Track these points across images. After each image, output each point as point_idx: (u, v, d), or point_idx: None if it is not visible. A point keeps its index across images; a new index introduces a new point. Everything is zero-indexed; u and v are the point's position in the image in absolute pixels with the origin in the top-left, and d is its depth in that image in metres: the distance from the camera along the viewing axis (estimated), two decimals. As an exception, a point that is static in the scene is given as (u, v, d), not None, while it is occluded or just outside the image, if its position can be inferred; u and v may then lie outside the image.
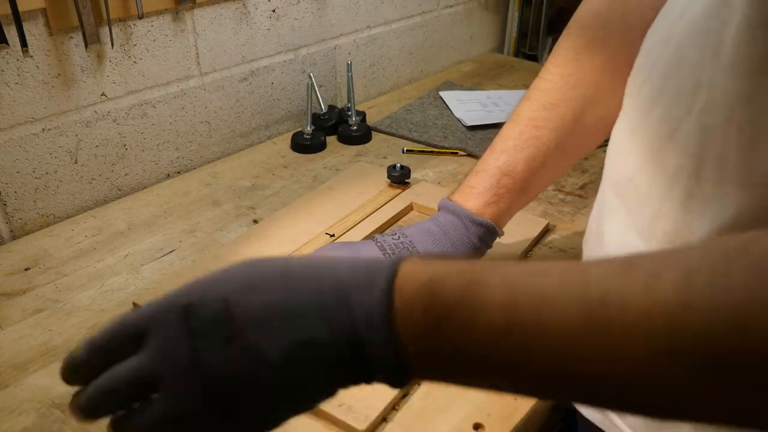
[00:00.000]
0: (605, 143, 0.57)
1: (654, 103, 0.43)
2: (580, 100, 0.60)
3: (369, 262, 0.33)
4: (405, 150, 0.96)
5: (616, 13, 0.59)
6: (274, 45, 1.00)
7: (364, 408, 0.51)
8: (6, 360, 0.58)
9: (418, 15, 1.24)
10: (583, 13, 0.62)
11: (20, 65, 0.73)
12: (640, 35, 0.48)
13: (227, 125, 0.98)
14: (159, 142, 0.90)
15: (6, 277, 0.69)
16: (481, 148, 0.97)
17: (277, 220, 0.76)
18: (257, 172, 0.92)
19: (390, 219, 0.77)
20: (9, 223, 0.78)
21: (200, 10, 0.88)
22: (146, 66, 0.85)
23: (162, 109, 0.89)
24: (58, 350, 0.59)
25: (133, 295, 0.65)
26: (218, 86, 0.95)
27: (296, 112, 1.08)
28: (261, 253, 0.69)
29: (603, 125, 0.59)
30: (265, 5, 0.96)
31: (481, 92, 1.18)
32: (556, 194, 0.84)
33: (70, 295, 0.67)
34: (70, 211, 0.83)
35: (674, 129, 0.41)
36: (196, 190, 0.87)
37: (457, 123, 1.06)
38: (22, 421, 0.52)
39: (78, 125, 0.80)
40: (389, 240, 0.60)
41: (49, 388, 0.55)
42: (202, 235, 0.77)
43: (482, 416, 0.51)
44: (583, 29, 0.62)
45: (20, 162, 0.77)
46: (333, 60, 1.11)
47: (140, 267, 0.71)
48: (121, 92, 0.83)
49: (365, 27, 1.14)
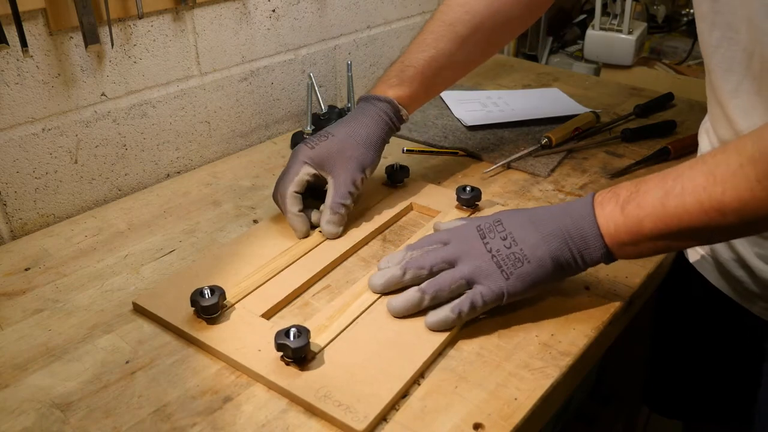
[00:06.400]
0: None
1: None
2: (472, 21, 0.76)
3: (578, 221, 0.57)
4: (405, 150, 0.96)
5: None
6: (274, 45, 1.00)
7: (364, 408, 0.51)
8: (6, 360, 0.58)
9: (418, 15, 1.24)
10: None
11: (20, 65, 0.73)
12: None
13: (227, 125, 0.98)
14: (159, 142, 0.90)
15: (6, 277, 0.69)
16: (481, 148, 0.97)
17: (277, 220, 0.76)
18: (257, 172, 0.92)
19: (390, 219, 0.77)
20: (9, 223, 0.78)
21: (200, 10, 0.88)
22: (146, 66, 0.85)
23: (162, 109, 0.89)
24: (58, 350, 0.59)
25: (133, 295, 0.65)
26: (218, 86, 0.95)
27: (296, 112, 1.08)
28: (261, 253, 0.70)
29: (496, 37, 0.81)
30: (265, 5, 0.96)
31: (481, 92, 1.18)
32: (556, 194, 0.84)
33: (70, 295, 0.67)
34: (70, 211, 0.83)
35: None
36: (196, 190, 0.87)
37: (457, 123, 1.06)
38: (22, 421, 0.52)
39: (78, 125, 0.80)
40: (314, 139, 0.74)
41: (49, 388, 0.55)
42: (202, 235, 0.77)
43: (482, 416, 0.51)
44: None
45: (20, 162, 0.77)
46: (333, 60, 1.11)
47: (140, 267, 0.71)
48: (121, 92, 0.84)
49: (365, 27, 1.14)
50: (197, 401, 0.53)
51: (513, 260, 0.57)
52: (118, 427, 0.51)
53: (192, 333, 0.59)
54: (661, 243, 0.54)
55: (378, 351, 0.57)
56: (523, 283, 0.57)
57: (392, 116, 0.76)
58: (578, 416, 1.16)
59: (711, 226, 0.50)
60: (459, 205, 0.78)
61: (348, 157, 0.72)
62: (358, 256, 0.72)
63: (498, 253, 0.58)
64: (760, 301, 0.67)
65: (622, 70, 1.40)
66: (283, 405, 0.53)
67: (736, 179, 0.48)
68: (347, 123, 0.75)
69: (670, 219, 0.51)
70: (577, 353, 0.58)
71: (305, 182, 0.72)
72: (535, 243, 0.57)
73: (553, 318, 0.62)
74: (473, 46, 0.78)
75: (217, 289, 0.60)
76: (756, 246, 0.65)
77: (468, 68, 0.83)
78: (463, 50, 0.77)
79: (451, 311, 0.58)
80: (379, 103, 0.75)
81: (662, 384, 0.88)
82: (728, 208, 0.48)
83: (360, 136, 0.73)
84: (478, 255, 0.58)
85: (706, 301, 0.74)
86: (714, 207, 0.49)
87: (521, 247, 0.57)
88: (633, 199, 0.54)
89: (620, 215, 0.54)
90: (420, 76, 0.76)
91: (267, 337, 0.56)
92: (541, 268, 0.57)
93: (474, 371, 0.56)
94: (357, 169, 0.72)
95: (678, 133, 1.01)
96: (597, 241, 0.56)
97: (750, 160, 0.47)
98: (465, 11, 0.76)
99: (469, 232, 0.61)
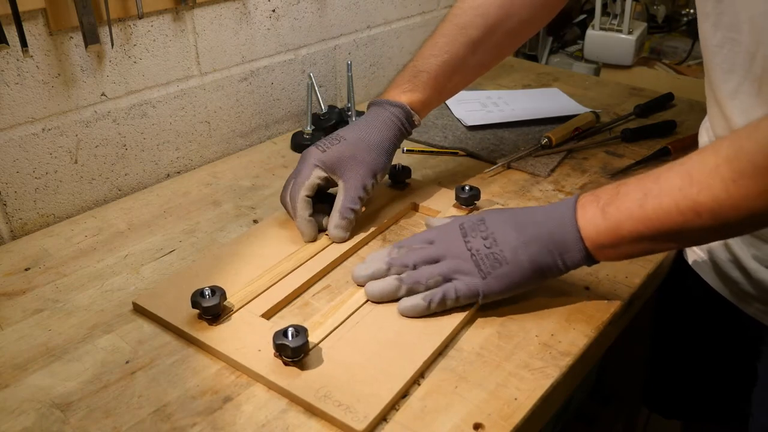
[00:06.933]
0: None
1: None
2: (485, 24, 0.76)
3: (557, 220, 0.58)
4: (405, 150, 0.96)
5: None
6: (274, 45, 1.00)
7: (364, 408, 0.51)
8: (6, 360, 0.58)
9: (418, 15, 1.24)
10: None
11: (20, 65, 0.73)
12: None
13: (227, 125, 0.98)
14: (159, 142, 0.90)
15: (6, 277, 0.69)
16: (481, 148, 0.97)
17: (277, 220, 0.76)
18: (257, 172, 0.92)
19: (390, 219, 0.77)
20: (9, 223, 0.78)
21: (200, 10, 0.88)
22: (146, 66, 0.85)
23: (162, 109, 0.89)
24: (58, 350, 0.59)
25: (132, 295, 0.65)
26: (218, 86, 0.95)
27: (296, 112, 1.08)
28: (261, 253, 0.70)
29: (509, 40, 0.80)
30: (265, 5, 0.96)
31: (481, 92, 1.18)
32: (556, 194, 0.84)
33: (70, 295, 0.67)
34: (70, 211, 0.83)
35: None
36: (196, 190, 0.87)
37: (457, 123, 1.06)
38: (22, 421, 0.52)
39: (78, 125, 0.80)
40: (326, 142, 0.73)
41: (49, 388, 0.55)
42: (202, 235, 0.77)
43: (482, 416, 0.51)
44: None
45: (20, 162, 0.77)
46: (333, 60, 1.11)
47: (140, 267, 0.71)
48: (121, 92, 0.84)
49: (365, 27, 1.14)
50: (197, 401, 0.53)
51: (492, 261, 0.58)
52: (118, 427, 0.51)
53: (192, 333, 0.59)
54: (640, 245, 0.54)
55: (378, 351, 0.57)
56: (499, 283, 0.58)
57: (404, 121, 0.76)
58: (578, 416, 1.16)
59: (687, 227, 0.50)
60: (457, 204, 0.78)
61: (359, 162, 0.72)
62: (358, 256, 0.72)
63: (477, 253, 0.59)
64: (756, 303, 0.67)
65: (622, 70, 1.40)
66: (283, 405, 0.53)
67: (712, 179, 0.48)
68: (359, 127, 0.74)
69: (648, 220, 0.52)
70: (577, 353, 0.58)
71: (316, 185, 0.72)
72: (515, 246, 0.58)
73: (553, 318, 0.62)
74: (486, 50, 0.77)
75: (218, 290, 0.60)
76: (752, 248, 0.65)
77: (479, 72, 0.82)
78: (476, 55, 0.77)
79: (423, 299, 0.59)
80: (392, 108, 0.75)
81: (662, 384, 0.88)
82: (703, 208, 0.48)
83: (372, 141, 0.73)
84: (458, 253, 0.59)
85: (705, 301, 0.74)
86: (690, 207, 0.49)
87: (501, 248, 0.58)
88: (613, 201, 0.54)
89: (601, 218, 0.55)
90: (433, 82, 0.76)
91: (267, 337, 0.56)
92: (519, 270, 0.58)
93: (474, 371, 0.56)
94: (368, 174, 0.72)
95: (678, 133, 1.01)
96: (577, 245, 0.56)
97: (726, 160, 0.47)
98: (478, 14, 0.75)
99: (452, 230, 0.62)
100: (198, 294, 0.59)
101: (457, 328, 0.59)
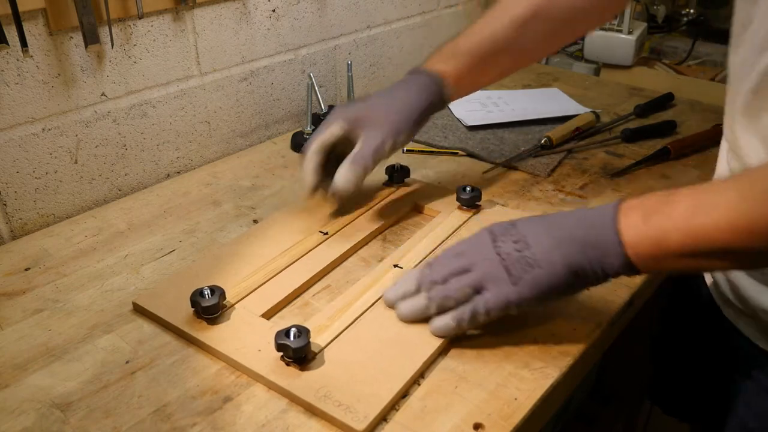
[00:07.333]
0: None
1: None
2: (530, 5, 0.74)
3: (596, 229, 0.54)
4: (405, 150, 0.96)
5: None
6: (274, 45, 1.00)
7: (364, 408, 0.51)
8: (6, 360, 0.58)
9: (418, 15, 1.24)
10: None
11: (20, 65, 0.73)
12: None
13: (227, 125, 0.98)
14: (159, 142, 0.90)
15: (6, 277, 0.69)
16: (481, 148, 0.97)
17: (277, 220, 0.76)
18: (257, 172, 0.92)
19: (390, 219, 0.77)
20: (9, 223, 0.78)
21: (200, 10, 0.88)
22: (146, 66, 0.85)
23: (162, 109, 0.89)
24: (58, 350, 0.59)
25: (133, 295, 0.65)
26: (218, 86, 0.95)
27: (296, 112, 1.08)
28: (261, 253, 0.70)
29: (564, 28, 0.78)
30: (265, 5, 0.96)
31: (481, 92, 1.17)
32: (557, 194, 0.84)
33: (70, 295, 0.67)
34: (70, 211, 0.83)
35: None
36: (196, 190, 0.87)
37: (457, 123, 1.06)
38: (22, 421, 0.52)
39: (78, 125, 0.80)
40: (352, 102, 0.75)
41: (49, 388, 0.55)
42: (202, 235, 0.77)
43: (482, 416, 0.51)
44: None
45: (20, 162, 0.77)
46: (333, 60, 1.11)
47: (140, 267, 0.71)
48: (121, 92, 0.83)
49: (365, 27, 1.14)
50: (197, 401, 0.53)
51: (523, 264, 0.54)
52: (118, 427, 0.51)
53: (192, 333, 0.59)
54: (685, 261, 0.50)
55: (378, 351, 0.57)
56: (531, 290, 0.54)
57: (434, 90, 0.74)
58: (578, 416, 1.16)
59: (739, 247, 0.47)
60: (460, 205, 0.78)
61: (382, 122, 0.71)
62: (358, 256, 0.72)
63: (508, 257, 0.55)
64: (727, 307, 0.67)
65: (622, 70, 1.40)
66: (283, 405, 0.53)
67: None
68: (387, 91, 0.75)
69: (696, 235, 0.48)
70: (577, 353, 0.58)
71: (334, 138, 0.71)
72: (548, 247, 0.54)
73: (553, 318, 0.62)
74: (536, 33, 0.75)
75: (217, 289, 0.60)
76: None
77: (530, 57, 0.81)
78: (525, 37, 0.75)
79: (452, 320, 0.56)
80: (421, 77, 0.74)
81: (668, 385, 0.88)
82: (759, 228, 0.45)
83: (397, 106, 0.72)
84: (488, 259, 0.56)
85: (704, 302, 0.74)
86: (745, 227, 0.46)
87: (533, 251, 0.54)
88: (659, 210, 0.50)
89: (642, 225, 0.51)
90: (468, 57, 0.75)
91: (267, 337, 0.56)
92: (553, 273, 0.53)
93: (474, 371, 0.56)
94: (389, 134, 0.71)
95: (678, 133, 1.01)
96: (615, 249, 0.52)
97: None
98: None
99: (481, 237, 0.58)
100: (197, 294, 0.59)
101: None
